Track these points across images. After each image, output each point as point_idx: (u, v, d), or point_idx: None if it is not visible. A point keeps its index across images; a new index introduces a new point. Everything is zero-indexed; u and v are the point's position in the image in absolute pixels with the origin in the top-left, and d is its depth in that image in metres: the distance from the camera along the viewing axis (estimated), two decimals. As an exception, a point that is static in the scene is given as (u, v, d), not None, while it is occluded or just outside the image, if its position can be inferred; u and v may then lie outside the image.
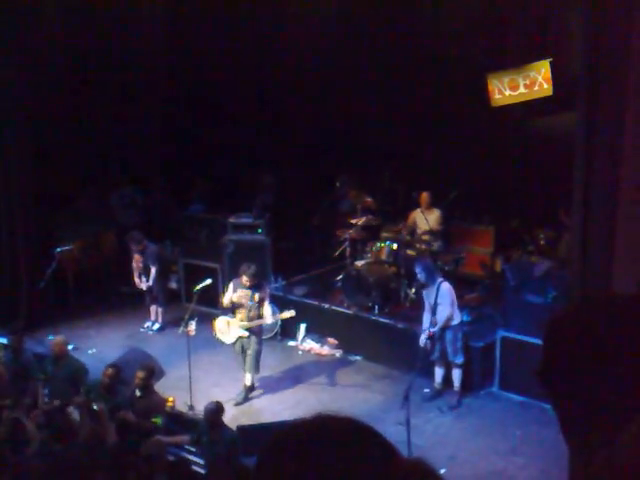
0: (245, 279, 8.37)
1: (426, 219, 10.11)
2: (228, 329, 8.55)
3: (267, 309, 8.51)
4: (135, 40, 11.95)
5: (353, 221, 10.40)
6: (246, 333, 8.48)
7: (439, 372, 8.46)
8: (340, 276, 10.20)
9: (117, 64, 11.63)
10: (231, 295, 8.55)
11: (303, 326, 9.97)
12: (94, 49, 11.25)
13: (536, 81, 9.91)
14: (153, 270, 10.38)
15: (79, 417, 6.97)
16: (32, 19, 10.11)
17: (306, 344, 9.96)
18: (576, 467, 1.38)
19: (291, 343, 9.92)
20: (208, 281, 9.15)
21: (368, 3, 11.11)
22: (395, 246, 10.00)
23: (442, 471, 6.94)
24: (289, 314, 8.67)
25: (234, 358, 9.41)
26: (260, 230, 10.77)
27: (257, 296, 8.42)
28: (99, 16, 11.19)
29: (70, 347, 9.50)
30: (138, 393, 7.30)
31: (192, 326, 8.45)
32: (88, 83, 11.43)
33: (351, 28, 11.57)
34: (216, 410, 6.75)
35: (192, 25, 11.93)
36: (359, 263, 10.04)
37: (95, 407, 6.89)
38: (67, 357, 7.77)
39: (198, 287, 8.81)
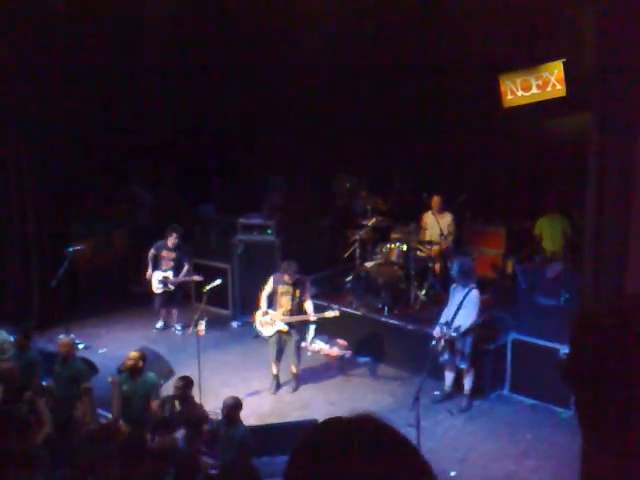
0: (287, 277, 8.44)
1: (437, 221, 10.07)
2: (269, 322, 8.56)
3: (309, 305, 8.59)
4: (148, 38, 12.00)
5: (363, 222, 10.38)
6: (286, 327, 8.51)
7: (449, 375, 8.40)
8: (350, 277, 10.18)
9: (131, 62, 11.67)
10: (270, 290, 8.60)
11: (312, 327, 9.95)
12: (106, 47, 11.27)
13: (549, 82, 9.85)
14: (187, 267, 10.35)
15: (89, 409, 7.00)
16: (45, 19, 10.15)
17: (315, 345, 9.93)
18: (591, 462, 1.35)
19: (301, 344, 9.89)
20: (218, 281, 9.14)
21: (380, 3, 11.09)
22: (405, 247, 9.97)
23: (452, 474, 6.91)
24: (333, 314, 8.67)
25: (243, 358, 9.42)
26: (270, 230, 10.76)
27: (298, 292, 8.49)
28: (114, 14, 11.24)
29: (81, 346, 9.56)
30: (178, 407, 6.98)
31: (202, 326, 8.44)
32: (101, 81, 11.46)
33: (361, 28, 11.55)
34: (234, 405, 6.67)
35: (204, 26, 11.95)
36: (369, 264, 10.01)
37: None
38: (73, 358, 7.79)
39: (208, 287, 8.81)
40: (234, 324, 10.72)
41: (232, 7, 11.74)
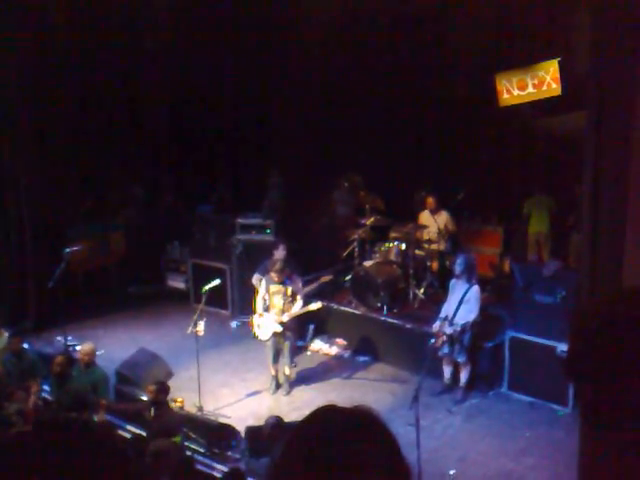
0: (273, 275, 8.40)
1: (435, 220, 10.10)
2: (264, 325, 8.53)
3: (298, 302, 8.49)
4: (143, 41, 12.01)
5: (362, 221, 10.38)
6: (280, 329, 8.45)
7: (447, 368, 8.46)
8: (348, 276, 10.19)
9: (127, 63, 11.68)
10: (263, 293, 8.55)
11: (311, 327, 9.96)
12: (104, 48, 11.28)
13: (545, 81, 9.87)
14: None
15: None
16: (43, 20, 10.17)
17: (314, 345, 9.95)
18: (591, 458, 1.36)
19: (299, 344, 9.90)
20: (217, 281, 9.14)
21: (378, 4, 11.09)
22: (403, 246, 9.98)
23: (452, 472, 6.92)
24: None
25: (242, 358, 9.41)
26: (268, 230, 10.77)
27: (290, 290, 8.44)
28: (111, 14, 11.28)
29: (78, 347, 9.54)
30: (152, 412, 6.80)
31: (201, 326, 8.43)
32: (98, 82, 11.46)
33: (359, 30, 11.55)
34: (277, 424, 6.50)
35: (200, 28, 11.96)
36: (367, 263, 10.02)
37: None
38: (94, 366, 7.82)
39: (207, 287, 8.81)
40: (233, 324, 10.73)
41: (235, 7, 11.73)
